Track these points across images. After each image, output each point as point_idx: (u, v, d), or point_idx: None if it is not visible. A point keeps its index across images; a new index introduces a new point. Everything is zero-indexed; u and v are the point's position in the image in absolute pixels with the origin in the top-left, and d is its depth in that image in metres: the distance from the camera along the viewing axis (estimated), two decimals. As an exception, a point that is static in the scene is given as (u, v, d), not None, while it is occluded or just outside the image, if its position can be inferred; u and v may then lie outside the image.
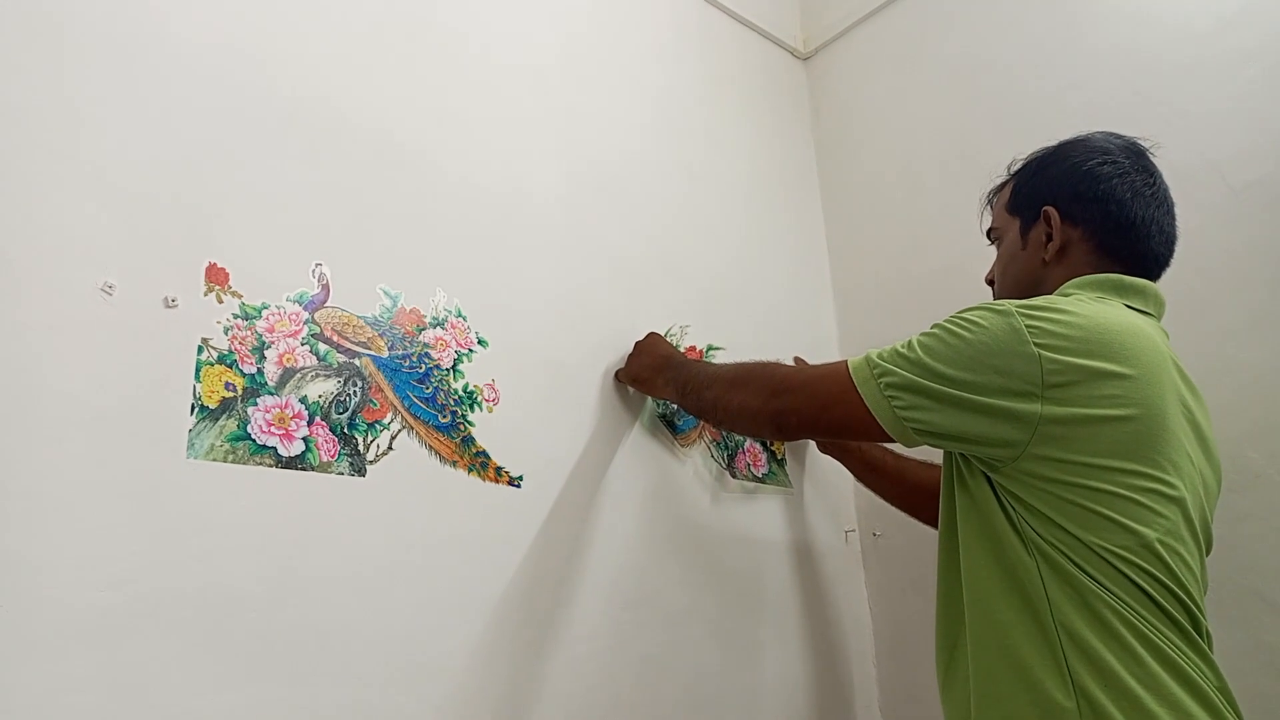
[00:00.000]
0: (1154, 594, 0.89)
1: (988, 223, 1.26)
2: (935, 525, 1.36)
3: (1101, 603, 0.89)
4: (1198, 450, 1.00)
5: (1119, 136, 1.13)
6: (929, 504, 1.36)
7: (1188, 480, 0.96)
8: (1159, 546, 0.90)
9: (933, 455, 1.39)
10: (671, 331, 1.54)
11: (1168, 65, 1.48)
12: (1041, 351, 0.92)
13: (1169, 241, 1.11)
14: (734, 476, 1.56)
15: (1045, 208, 1.12)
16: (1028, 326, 0.94)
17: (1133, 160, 1.10)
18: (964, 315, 0.99)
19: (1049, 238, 1.11)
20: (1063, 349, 0.92)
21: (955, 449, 1.00)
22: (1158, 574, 0.90)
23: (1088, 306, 0.98)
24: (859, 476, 1.54)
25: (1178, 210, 1.37)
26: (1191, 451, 0.99)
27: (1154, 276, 1.10)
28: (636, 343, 1.44)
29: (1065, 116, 1.58)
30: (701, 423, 1.53)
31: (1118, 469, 0.91)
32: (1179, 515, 0.94)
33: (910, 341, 1.01)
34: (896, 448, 1.16)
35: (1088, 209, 1.09)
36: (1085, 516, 0.91)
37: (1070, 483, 0.92)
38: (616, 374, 1.44)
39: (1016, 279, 1.16)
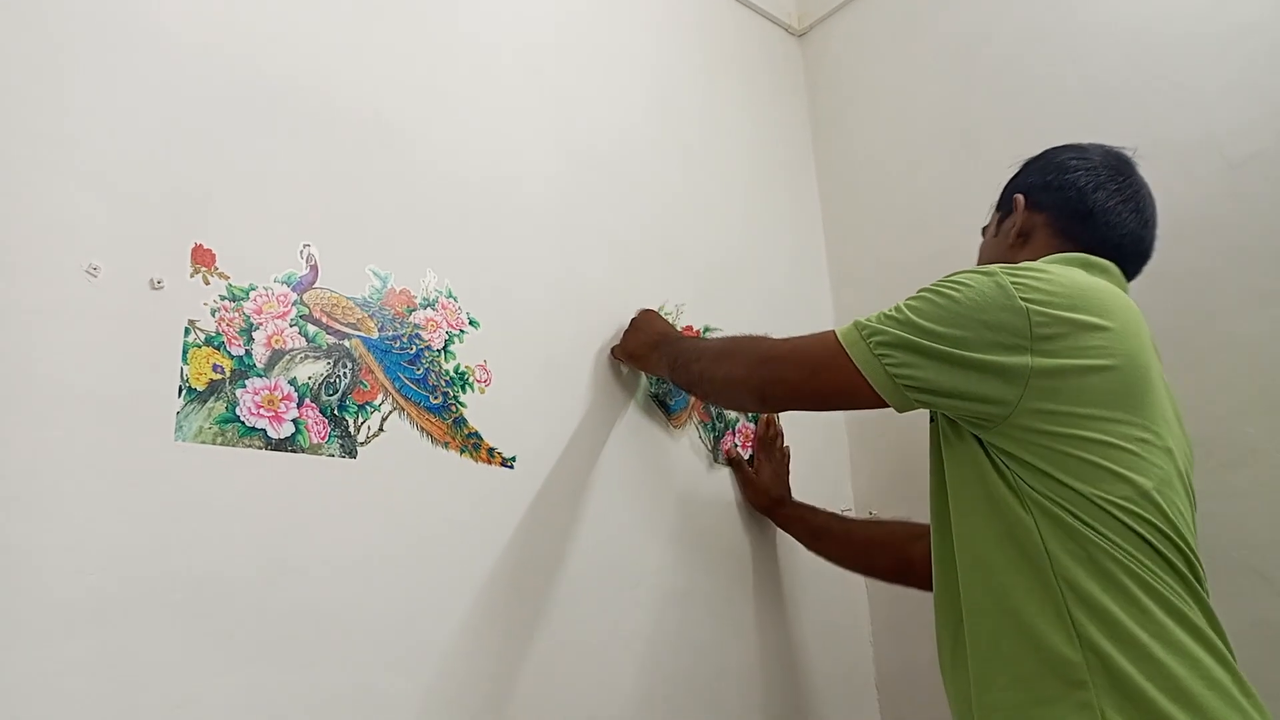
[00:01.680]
0: (1155, 542, 0.90)
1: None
2: (892, 579, 1.38)
3: (1103, 554, 0.89)
4: (1172, 413, 1.02)
5: (1105, 145, 1.16)
6: (882, 558, 1.39)
7: (1173, 435, 0.98)
8: (1156, 495, 0.91)
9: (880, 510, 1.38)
10: (666, 309, 1.53)
11: (1166, 40, 1.46)
12: (1029, 305, 0.93)
13: (1135, 239, 1.11)
14: (713, 461, 1.54)
15: (1015, 195, 1.17)
16: (1013, 283, 0.95)
17: (1106, 160, 1.13)
18: (950, 278, 1.00)
19: (1015, 223, 1.15)
20: (1048, 303, 0.94)
21: (948, 407, 0.99)
22: (1157, 523, 0.91)
23: (1064, 270, 1.01)
24: (808, 545, 1.50)
25: (1176, 184, 1.36)
26: (1173, 410, 1.02)
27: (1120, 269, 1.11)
28: (632, 319, 1.43)
29: (1062, 92, 1.57)
30: (692, 403, 1.53)
31: (1108, 419, 0.93)
32: (1171, 465, 0.95)
33: (898, 305, 1.01)
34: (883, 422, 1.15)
35: (1052, 196, 1.13)
36: (1082, 468, 0.91)
37: (1064, 434, 0.92)
38: (612, 351, 1.43)
39: (986, 263, 1.18)
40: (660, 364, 1.32)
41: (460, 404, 1.22)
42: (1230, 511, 1.26)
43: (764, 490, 1.53)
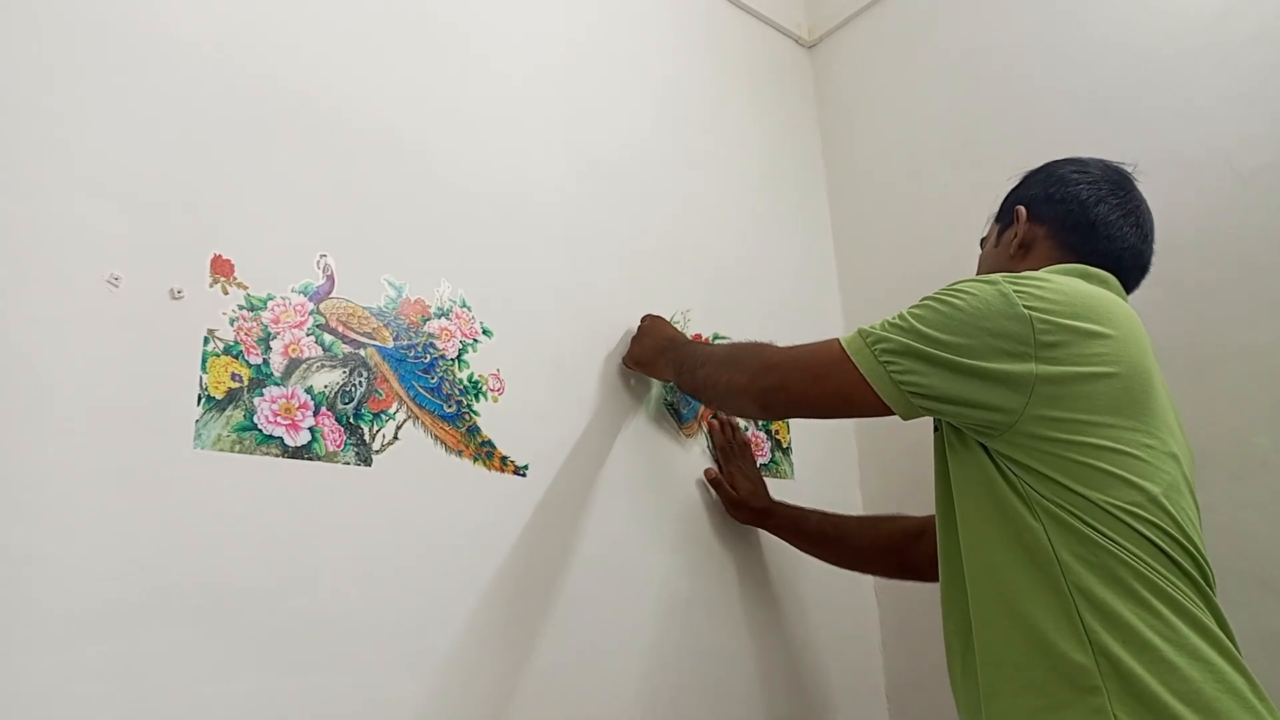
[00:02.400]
0: (1165, 547, 0.90)
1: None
2: (894, 577, 1.41)
3: (1114, 559, 0.89)
4: (1175, 419, 1.03)
5: (1105, 160, 1.17)
6: (882, 562, 1.41)
7: (1176, 441, 0.98)
8: (1165, 500, 0.92)
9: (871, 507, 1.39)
10: (674, 318, 1.54)
11: (1172, 52, 1.47)
12: (1032, 313, 0.94)
13: (1135, 253, 1.12)
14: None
15: (1017, 207, 1.17)
16: (1016, 291, 0.96)
17: (1107, 175, 1.14)
18: (953, 287, 1.01)
19: (1016, 234, 1.16)
20: (1051, 311, 0.95)
21: (953, 415, 1.00)
22: (1167, 527, 0.91)
23: (1065, 279, 1.01)
24: (804, 551, 1.50)
25: (1184, 195, 1.37)
26: (1174, 416, 1.02)
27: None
28: (640, 325, 1.44)
29: (1069, 104, 1.58)
30: (702, 411, 1.54)
31: (1114, 425, 0.93)
32: (1176, 470, 0.96)
33: (902, 314, 1.02)
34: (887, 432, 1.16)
35: (1053, 209, 1.14)
36: (1090, 474, 0.92)
37: (1071, 441, 0.93)
38: (623, 359, 1.44)
39: (987, 273, 1.19)
40: (666, 368, 1.33)
41: (474, 413, 1.23)
42: (1239, 522, 1.26)
43: (745, 504, 1.49)
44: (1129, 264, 1.12)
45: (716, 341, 1.60)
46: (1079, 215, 1.11)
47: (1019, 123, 1.64)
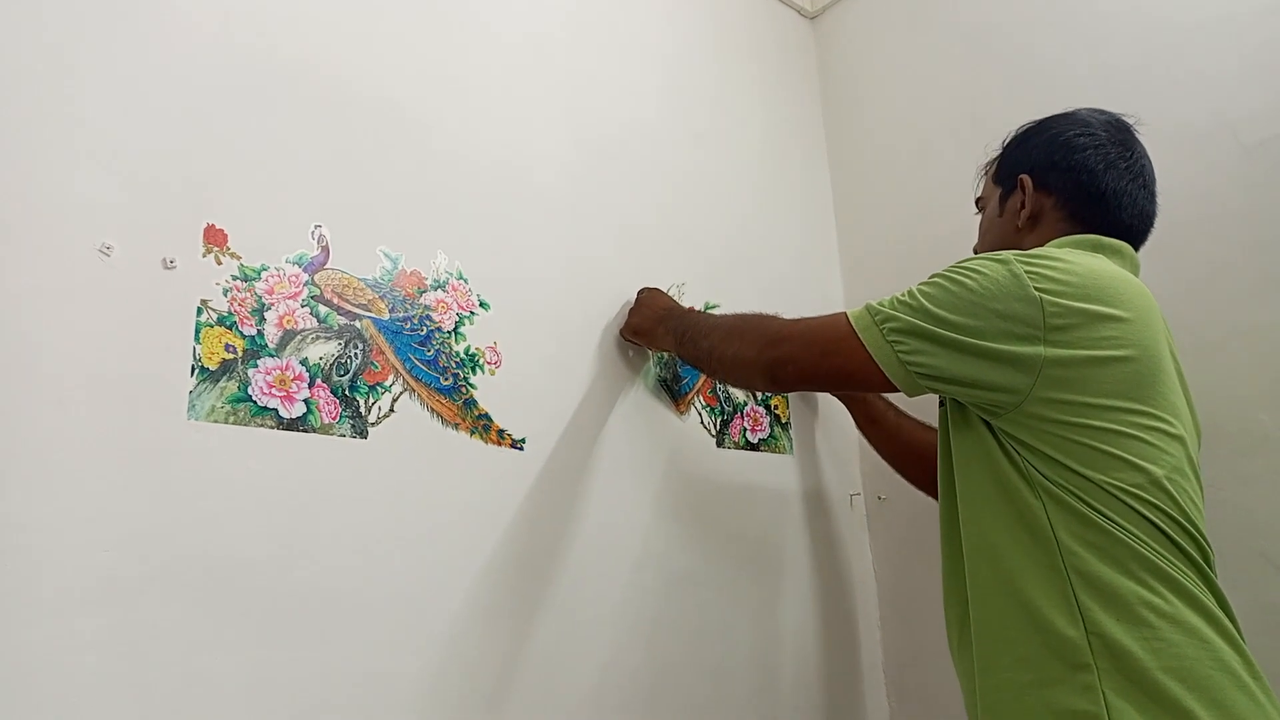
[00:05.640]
0: (1165, 528, 0.91)
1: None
2: (923, 486, 1.40)
3: (1113, 539, 0.89)
4: (1183, 398, 1.02)
5: (1104, 112, 1.14)
6: (921, 465, 1.41)
7: (1184, 421, 0.98)
8: (1167, 483, 0.92)
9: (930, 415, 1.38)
10: (669, 290, 1.52)
11: (1179, 24, 1.44)
12: (1042, 295, 0.93)
13: (1143, 216, 1.11)
14: (719, 445, 1.54)
15: (1021, 175, 1.14)
16: (1027, 272, 0.95)
17: (1111, 134, 1.11)
18: (963, 265, 1.00)
19: (1023, 205, 1.13)
20: (1062, 293, 0.94)
21: (959, 394, 1.00)
22: (1168, 509, 0.91)
23: (1079, 256, 1.00)
24: (860, 427, 1.55)
25: (1189, 169, 1.36)
26: (1185, 395, 1.02)
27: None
28: (637, 296, 1.43)
29: (1077, 77, 1.55)
30: (696, 387, 1.53)
31: (1121, 408, 0.93)
32: (1181, 453, 0.96)
33: (911, 290, 1.01)
34: (898, 399, 1.16)
35: (1061, 178, 1.11)
36: (1093, 456, 0.91)
37: (1076, 423, 0.92)
38: (620, 331, 1.43)
39: (993, 245, 1.18)
40: (666, 338, 1.32)
41: (470, 385, 1.23)
42: (1241, 499, 1.25)
43: None
44: (1139, 228, 1.11)
45: (709, 310, 1.58)
46: (1089, 186, 1.09)
47: (1025, 95, 1.62)
